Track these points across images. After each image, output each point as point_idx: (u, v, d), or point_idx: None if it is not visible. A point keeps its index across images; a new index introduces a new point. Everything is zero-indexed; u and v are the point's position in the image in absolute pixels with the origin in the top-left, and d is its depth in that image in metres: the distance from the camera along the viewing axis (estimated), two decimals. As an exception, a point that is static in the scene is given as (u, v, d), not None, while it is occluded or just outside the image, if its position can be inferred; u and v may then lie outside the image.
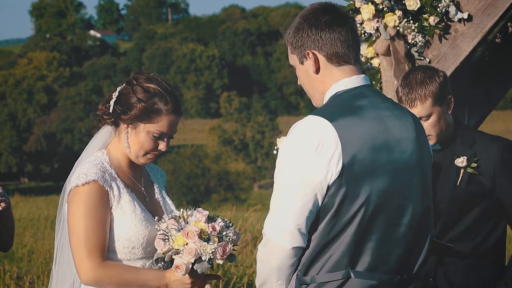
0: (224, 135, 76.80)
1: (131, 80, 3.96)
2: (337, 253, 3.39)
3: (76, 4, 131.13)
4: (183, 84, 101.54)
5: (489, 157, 4.61)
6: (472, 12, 5.44)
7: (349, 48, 3.51)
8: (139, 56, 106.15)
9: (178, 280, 3.81)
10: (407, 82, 4.62)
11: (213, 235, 3.73)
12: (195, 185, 58.73)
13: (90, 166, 3.85)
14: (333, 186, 3.35)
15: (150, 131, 3.90)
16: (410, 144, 3.49)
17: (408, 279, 3.49)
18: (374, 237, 3.40)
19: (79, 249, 3.77)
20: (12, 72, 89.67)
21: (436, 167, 4.69)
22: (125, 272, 3.80)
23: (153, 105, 3.89)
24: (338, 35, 3.49)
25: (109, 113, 3.92)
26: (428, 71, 4.65)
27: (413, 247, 3.50)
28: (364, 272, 3.40)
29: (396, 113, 3.52)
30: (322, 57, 3.51)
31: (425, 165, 3.55)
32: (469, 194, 4.61)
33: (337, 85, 3.51)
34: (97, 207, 3.79)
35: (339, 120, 3.38)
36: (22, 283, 9.59)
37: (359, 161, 3.36)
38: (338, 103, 3.47)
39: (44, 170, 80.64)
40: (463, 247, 4.65)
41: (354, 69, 3.53)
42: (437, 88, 4.58)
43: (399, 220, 3.44)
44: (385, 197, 3.40)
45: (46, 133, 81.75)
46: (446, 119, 4.64)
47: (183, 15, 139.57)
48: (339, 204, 3.36)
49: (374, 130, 3.42)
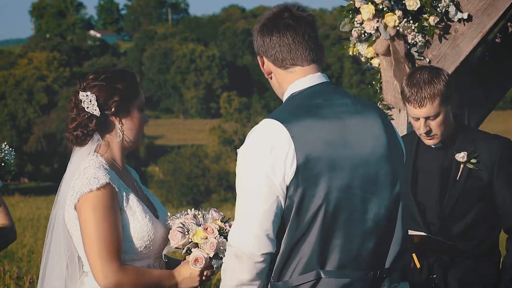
0: (224, 135, 76.76)
1: (88, 80, 3.90)
2: (306, 254, 3.37)
3: (76, 4, 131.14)
4: (183, 84, 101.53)
5: (489, 154, 4.62)
6: (472, 12, 5.45)
7: (291, 51, 3.52)
8: (139, 56, 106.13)
9: (188, 277, 3.82)
10: (415, 82, 4.59)
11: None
12: (195, 185, 58.71)
13: (96, 170, 3.79)
14: (290, 186, 3.35)
15: (139, 106, 3.92)
16: (372, 138, 3.47)
17: (382, 274, 3.46)
18: (339, 234, 3.38)
19: (97, 254, 3.72)
20: (12, 72, 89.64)
21: (436, 165, 4.71)
22: (143, 275, 3.79)
23: (131, 81, 3.91)
24: (277, 40, 3.52)
25: (98, 116, 3.86)
26: (433, 71, 4.65)
27: (384, 241, 3.47)
28: (335, 271, 3.38)
29: (356, 108, 3.50)
30: (269, 62, 3.58)
31: (393, 157, 3.51)
32: (468, 190, 4.62)
33: (293, 86, 3.54)
34: (111, 210, 3.76)
35: (292, 121, 3.39)
36: (22, 283, 9.59)
37: (314, 159, 3.35)
38: (292, 103, 3.50)
39: (44, 170, 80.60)
40: (463, 246, 4.65)
41: (306, 69, 3.54)
42: (445, 87, 4.58)
43: (364, 215, 3.42)
44: (346, 192, 3.39)
45: (46, 133, 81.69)
46: (450, 118, 4.65)
47: (183, 15, 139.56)
48: (299, 204, 3.36)
49: (330, 127, 3.41)
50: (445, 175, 4.67)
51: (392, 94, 5.63)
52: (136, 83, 3.94)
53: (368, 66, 5.77)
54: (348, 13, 5.54)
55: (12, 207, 27.97)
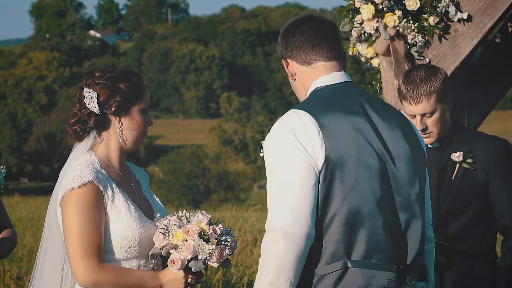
0: (224, 135, 76.83)
1: (94, 77, 3.92)
2: (332, 243, 3.40)
3: (76, 4, 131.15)
4: (183, 84, 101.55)
5: (485, 154, 4.63)
6: (472, 12, 5.45)
7: (314, 46, 3.62)
8: (139, 56, 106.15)
9: (173, 279, 3.80)
10: (411, 80, 4.64)
11: (212, 237, 3.76)
12: (195, 185, 58.73)
13: (83, 168, 3.82)
14: (320, 173, 3.39)
15: (142, 109, 3.92)
16: (396, 137, 3.55)
17: (404, 269, 3.49)
18: (365, 225, 3.42)
19: (76, 251, 3.75)
20: (12, 72, 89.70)
21: (433, 165, 4.71)
22: (122, 274, 3.79)
23: (136, 83, 3.92)
24: (300, 37, 3.64)
25: (97, 114, 3.87)
26: (430, 69, 4.70)
27: (405, 237, 3.52)
28: (361, 261, 3.41)
29: (379, 107, 3.59)
30: (293, 61, 3.67)
31: (415, 157, 3.58)
32: (463, 190, 4.62)
33: (317, 82, 3.62)
34: (93, 209, 3.77)
35: (320, 111, 3.46)
36: (22, 283, 9.60)
37: (342, 148, 3.41)
38: (318, 97, 3.57)
39: (44, 170, 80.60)
40: (459, 246, 4.65)
41: (329, 65, 3.63)
42: (441, 85, 4.61)
43: (387, 209, 3.46)
44: (371, 185, 3.43)
45: (46, 133, 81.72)
46: (447, 117, 4.66)
47: (183, 15, 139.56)
48: (326, 193, 3.39)
49: (356, 122, 3.48)
50: (441, 174, 4.68)
51: (392, 94, 5.63)
52: (141, 85, 3.94)
53: (368, 66, 5.77)
54: (348, 13, 5.54)
55: (12, 207, 27.98)
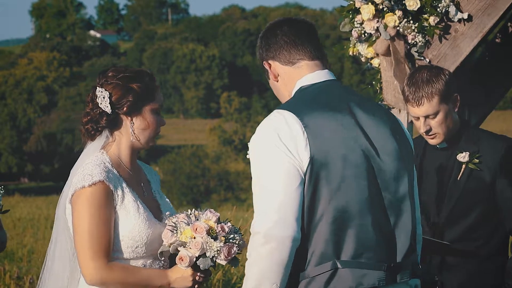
0: (224, 135, 76.75)
1: (107, 77, 3.94)
2: (320, 244, 3.38)
3: (76, 4, 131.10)
4: (183, 84, 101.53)
5: (492, 154, 4.62)
6: (472, 12, 5.45)
7: (297, 45, 3.62)
8: (139, 56, 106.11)
9: (181, 277, 3.82)
10: (413, 81, 4.64)
11: (220, 235, 3.77)
12: (195, 185, 58.76)
13: (94, 167, 3.84)
14: (306, 174, 3.38)
15: (153, 109, 3.95)
16: (382, 134, 3.52)
17: (395, 267, 3.47)
18: (353, 224, 3.40)
19: (85, 250, 3.78)
20: (12, 72, 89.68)
21: (440, 165, 4.71)
22: (130, 273, 3.82)
23: (148, 83, 3.95)
24: (283, 37, 3.63)
25: (108, 114, 3.90)
26: (433, 70, 4.69)
27: (395, 234, 3.50)
28: (351, 261, 3.39)
29: (365, 105, 3.57)
30: (276, 62, 3.65)
31: (403, 153, 3.56)
32: (469, 190, 4.62)
33: (301, 81, 3.62)
34: (103, 208, 3.80)
35: (304, 111, 3.45)
36: (22, 283, 9.59)
37: (328, 147, 3.40)
38: (303, 96, 3.56)
39: (44, 170, 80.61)
40: (465, 247, 4.64)
41: (312, 64, 3.63)
42: (443, 86, 4.60)
43: (374, 207, 3.44)
44: (357, 183, 3.41)
45: (46, 133, 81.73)
46: (452, 117, 4.65)
47: (183, 15, 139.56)
48: (312, 193, 3.38)
49: (341, 120, 3.46)
50: (447, 175, 4.67)
51: (392, 94, 5.63)
52: (153, 85, 3.97)
53: (368, 66, 5.77)
54: (348, 13, 5.54)
55: (12, 207, 27.96)
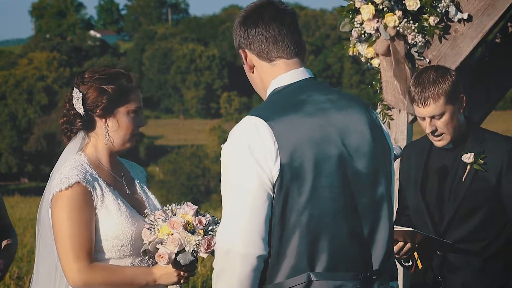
0: (224, 135, 76.68)
1: (83, 78, 3.93)
2: (294, 256, 3.28)
3: (76, 5, 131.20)
4: (183, 84, 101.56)
5: (497, 155, 4.61)
6: (472, 12, 5.45)
7: (277, 43, 3.45)
8: (139, 56, 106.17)
9: (165, 273, 3.81)
10: (420, 82, 4.62)
11: (198, 228, 3.72)
12: (195, 185, 58.75)
13: (71, 169, 3.83)
14: (275, 186, 3.26)
15: (129, 111, 3.92)
16: (357, 135, 3.39)
17: (372, 276, 3.38)
18: (326, 235, 3.29)
19: (66, 252, 3.77)
20: (12, 72, 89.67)
21: (446, 166, 4.71)
22: (113, 273, 3.80)
23: (123, 85, 3.91)
24: (263, 31, 3.45)
25: (82, 115, 3.88)
26: (440, 70, 4.66)
27: (370, 242, 3.40)
28: (325, 273, 3.30)
29: (340, 104, 3.42)
30: (252, 54, 3.49)
31: (379, 155, 3.43)
32: (474, 191, 4.61)
33: (276, 82, 3.46)
34: (82, 209, 3.79)
35: (275, 118, 3.31)
36: (22, 283, 9.59)
37: (298, 158, 3.27)
38: (276, 100, 3.41)
39: (44, 170, 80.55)
40: (471, 248, 4.64)
41: (290, 63, 3.46)
42: (450, 87, 4.59)
43: (349, 214, 3.34)
44: (331, 192, 3.30)
45: (47, 133, 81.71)
46: (458, 118, 4.65)
47: (183, 15, 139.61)
48: (283, 204, 3.27)
49: (314, 125, 3.33)
50: (452, 175, 4.67)
51: (392, 94, 5.63)
52: (129, 87, 3.93)
53: (368, 66, 5.77)
54: (348, 13, 5.55)
55: (12, 207, 27.97)
